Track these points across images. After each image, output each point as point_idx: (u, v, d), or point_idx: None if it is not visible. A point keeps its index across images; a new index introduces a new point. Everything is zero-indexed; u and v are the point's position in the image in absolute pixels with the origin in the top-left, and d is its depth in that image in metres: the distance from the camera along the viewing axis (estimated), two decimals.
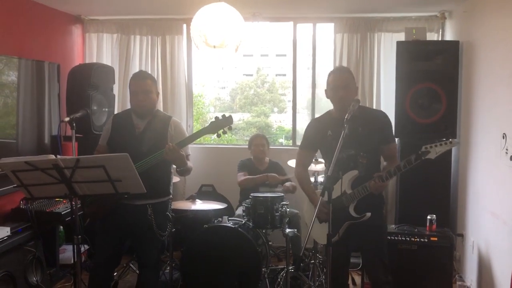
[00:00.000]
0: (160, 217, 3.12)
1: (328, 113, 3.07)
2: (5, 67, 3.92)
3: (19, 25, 4.26)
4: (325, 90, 3.02)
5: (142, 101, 3.09)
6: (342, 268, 3.03)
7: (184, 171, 3.08)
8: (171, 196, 3.27)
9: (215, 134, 2.94)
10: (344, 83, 2.91)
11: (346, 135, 2.79)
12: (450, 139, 2.67)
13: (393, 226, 3.99)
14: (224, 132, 2.94)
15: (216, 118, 2.96)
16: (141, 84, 3.10)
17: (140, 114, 3.14)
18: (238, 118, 8.91)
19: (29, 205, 3.81)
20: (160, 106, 5.29)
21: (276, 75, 9.89)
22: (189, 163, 3.13)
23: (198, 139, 5.72)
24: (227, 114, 2.94)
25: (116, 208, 2.97)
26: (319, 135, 2.99)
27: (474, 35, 4.14)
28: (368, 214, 2.83)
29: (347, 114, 2.67)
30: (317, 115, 5.41)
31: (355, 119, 2.82)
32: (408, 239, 3.77)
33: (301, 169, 3.14)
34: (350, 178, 2.87)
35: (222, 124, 2.94)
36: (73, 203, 2.45)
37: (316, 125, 3.08)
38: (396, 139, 4.16)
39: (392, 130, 3.04)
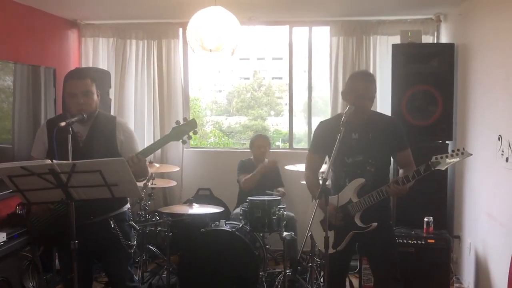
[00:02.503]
0: (124, 227, 2.81)
1: (339, 115, 2.91)
2: (1, 72, 3.91)
3: (14, 30, 4.25)
4: (343, 92, 2.89)
5: (83, 104, 2.65)
6: (340, 275, 2.97)
7: (141, 176, 2.80)
8: (128, 203, 2.94)
9: (180, 141, 2.60)
10: (370, 94, 2.79)
11: (356, 140, 2.75)
12: (463, 150, 2.52)
13: None
14: (189, 138, 2.60)
15: (177, 122, 2.60)
16: (79, 84, 2.67)
17: (79, 122, 2.66)
18: (235, 121, 8.92)
19: (25, 210, 3.79)
20: (156, 110, 5.29)
21: (273, 78, 9.91)
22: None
23: (195, 143, 5.77)
24: (189, 118, 2.66)
25: (75, 231, 2.43)
26: (328, 139, 2.80)
27: (469, 38, 4.16)
28: (374, 224, 2.72)
29: (343, 117, 2.66)
30: (313, 118, 5.45)
31: (367, 125, 2.77)
32: (405, 241, 3.78)
33: (309, 173, 3.02)
34: (356, 186, 2.76)
35: (185, 130, 2.57)
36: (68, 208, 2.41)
37: (325, 128, 2.93)
38: None
39: (404, 136, 2.87)
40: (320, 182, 2.75)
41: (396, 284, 2.81)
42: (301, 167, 4.30)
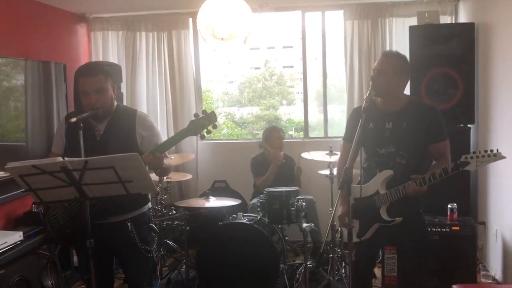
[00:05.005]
0: (142, 230, 2.66)
1: (374, 102, 2.69)
2: (13, 70, 3.88)
3: (23, 27, 4.20)
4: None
5: (95, 103, 2.50)
6: (367, 266, 2.89)
7: (163, 171, 2.64)
8: (149, 204, 2.80)
9: (198, 136, 2.48)
10: (380, 67, 2.60)
11: (389, 130, 2.64)
12: (496, 151, 2.35)
13: None
14: (208, 132, 2.46)
15: (195, 115, 2.45)
16: (91, 82, 2.50)
17: (96, 117, 2.56)
18: (247, 112, 8.85)
19: (41, 208, 3.76)
20: (169, 103, 5.21)
21: (284, 67, 9.80)
22: (167, 161, 2.64)
23: (209, 135, 5.68)
24: (208, 110, 2.49)
25: (91, 230, 2.32)
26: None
27: (489, 16, 3.99)
28: (399, 219, 2.60)
29: (364, 103, 2.54)
30: (329, 106, 5.32)
31: (402, 114, 2.63)
32: (429, 229, 3.65)
33: (341, 162, 2.86)
34: (384, 178, 2.64)
35: (203, 124, 2.44)
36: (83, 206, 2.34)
37: (357, 115, 2.69)
38: None
39: (442, 127, 2.67)
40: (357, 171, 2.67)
41: (430, 275, 2.71)
42: (316, 156, 4.24)
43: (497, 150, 2.37)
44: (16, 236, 3.41)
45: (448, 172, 2.46)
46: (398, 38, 4.78)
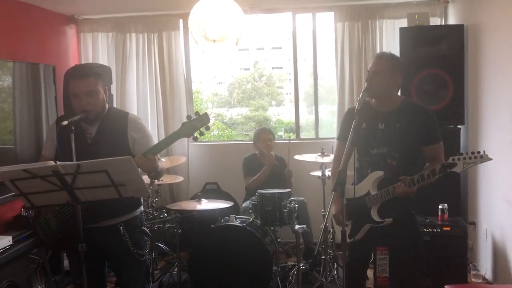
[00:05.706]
0: (135, 234, 2.63)
1: (368, 102, 2.70)
2: (0, 72, 3.82)
3: (11, 28, 4.14)
4: None
5: (86, 105, 2.47)
6: (359, 266, 2.88)
7: (156, 174, 2.62)
8: (142, 207, 2.77)
9: (191, 138, 2.45)
10: (375, 69, 2.62)
11: (381, 131, 2.65)
12: (482, 153, 2.37)
13: None
14: (201, 134, 2.44)
15: (188, 117, 2.44)
16: (82, 84, 2.47)
17: (87, 120, 2.53)
18: (237, 112, 8.83)
19: (30, 212, 3.70)
20: (159, 105, 5.18)
21: (273, 68, 9.79)
22: (161, 163, 2.62)
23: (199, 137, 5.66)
24: (201, 112, 2.43)
25: (82, 235, 2.29)
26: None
27: (479, 18, 4.03)
28: (389, 220, 2.59)
29: (357, 105, 2.55)
30: (320, 107, 5.32)
31: (395, 115, 2.64)
32: (421, 230, 3.67)
33: (334, 163, 2.87)
34: (375, 179, 2.64)
35: (196, 126, 2.41)
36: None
37: (352, 115, 2.64)
38: None
39: (435, 129, 2.67)
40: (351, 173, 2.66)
41: (422, 276, 2.72)
42: (308, 157, 4.24)
43: (484, 151, 2.39)
44: (5, 241, 3.36)
45: (436, 173, 2.46)
46: (389, 40, 4.81)
